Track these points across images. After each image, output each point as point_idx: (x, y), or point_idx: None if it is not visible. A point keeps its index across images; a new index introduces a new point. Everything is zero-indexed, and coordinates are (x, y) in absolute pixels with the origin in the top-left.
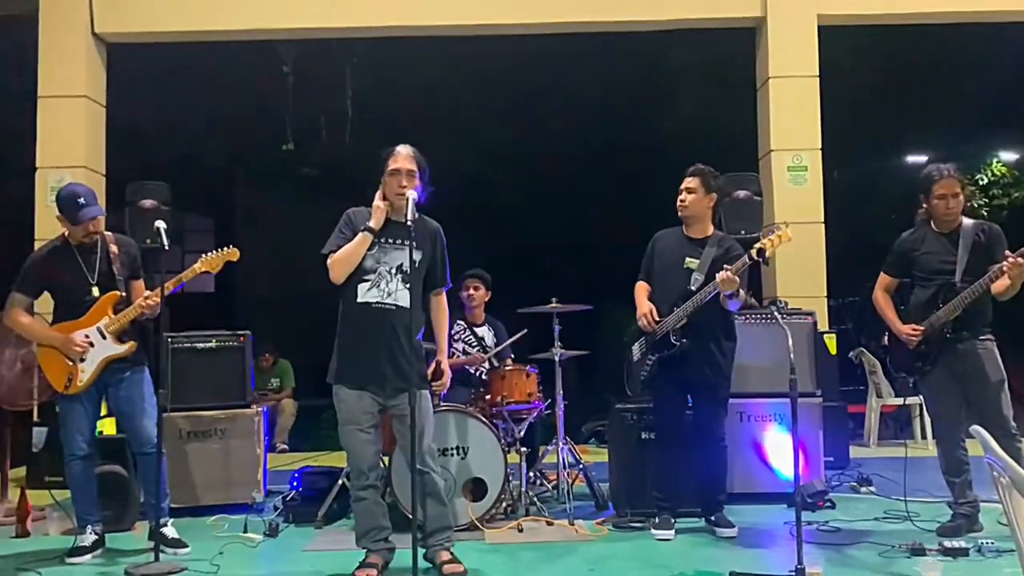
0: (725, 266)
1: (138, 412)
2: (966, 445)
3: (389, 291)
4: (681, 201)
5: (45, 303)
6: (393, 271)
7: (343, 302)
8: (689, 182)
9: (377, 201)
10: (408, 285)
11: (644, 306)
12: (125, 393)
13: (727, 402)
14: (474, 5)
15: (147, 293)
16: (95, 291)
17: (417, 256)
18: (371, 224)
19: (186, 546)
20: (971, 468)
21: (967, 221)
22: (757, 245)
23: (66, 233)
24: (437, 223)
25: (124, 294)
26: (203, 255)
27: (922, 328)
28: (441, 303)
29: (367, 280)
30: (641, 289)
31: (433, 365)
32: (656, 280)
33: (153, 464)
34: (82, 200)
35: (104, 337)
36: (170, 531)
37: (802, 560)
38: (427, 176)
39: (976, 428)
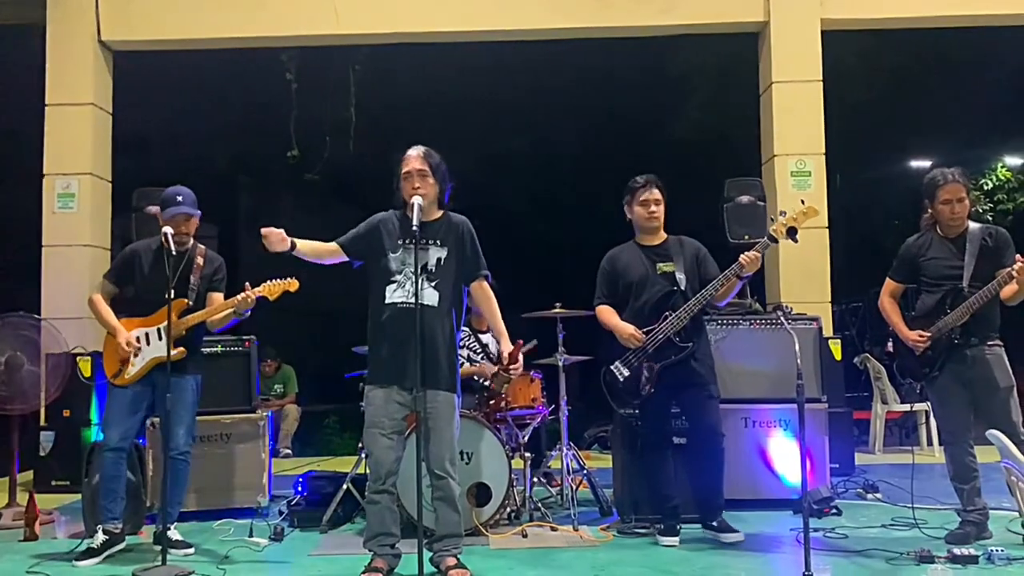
0: (745, 252)
1: (174, 417)
2: (975, 451)
3: (413, 291)
4: (652, 213)
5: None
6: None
7: (371, 304)
8: (655, 193)
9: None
10: (433, 284)
11: (626, 326)
12: (169, 395)
13: (718, 399)
14: (477, 10)
15: (208, 308)
16: (167, 295)
17: (442, 254)
18: None
19: (190, 547)
20: (980, 475)
21: (973, 225)
22: (782, 223)
23: (163, 238)
24: (464, 217)
25: (192, 303)
26: (268, 281)
27: (929, 334)
28: (482, 289)
29: (394, 282)
30: (609, 311)
31: (506, 353)
32: (630, 295)
33: (175, 468)
34: (180, 199)
35: (160, 339)
36: (173, 534)
37: (810, 567)
38: (445, 173)
39: (993, 433)
